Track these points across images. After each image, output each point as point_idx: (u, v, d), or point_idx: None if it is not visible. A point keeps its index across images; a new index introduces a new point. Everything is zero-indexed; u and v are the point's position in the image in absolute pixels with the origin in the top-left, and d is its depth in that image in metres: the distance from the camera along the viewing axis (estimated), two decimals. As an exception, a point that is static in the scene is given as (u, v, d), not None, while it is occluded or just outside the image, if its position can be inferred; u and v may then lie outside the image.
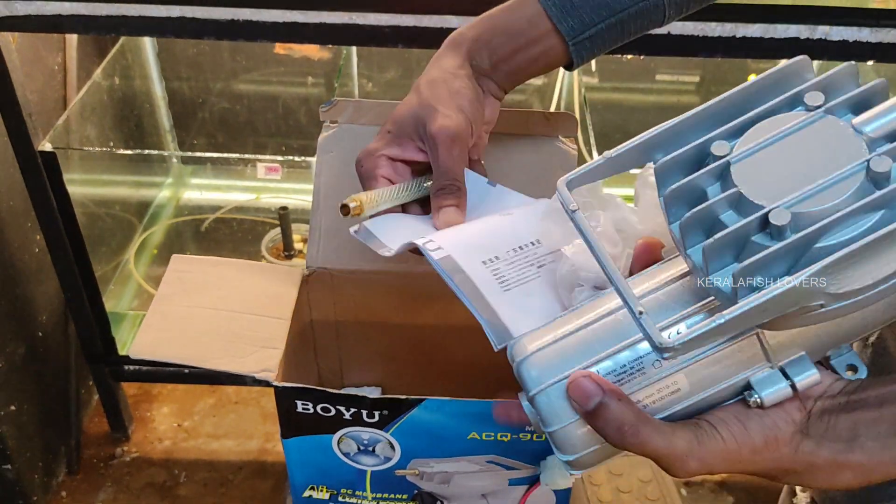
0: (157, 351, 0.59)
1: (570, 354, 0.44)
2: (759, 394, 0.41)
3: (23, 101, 1.06)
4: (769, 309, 0.36)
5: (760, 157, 0.39)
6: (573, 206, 0.42)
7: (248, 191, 1.63)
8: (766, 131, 0.40)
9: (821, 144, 0.39)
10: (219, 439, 1.46)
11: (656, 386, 0.42)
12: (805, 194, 0.37)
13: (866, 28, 0.96)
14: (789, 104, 0.40)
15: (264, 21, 0.97)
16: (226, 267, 0.67)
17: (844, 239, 0.36)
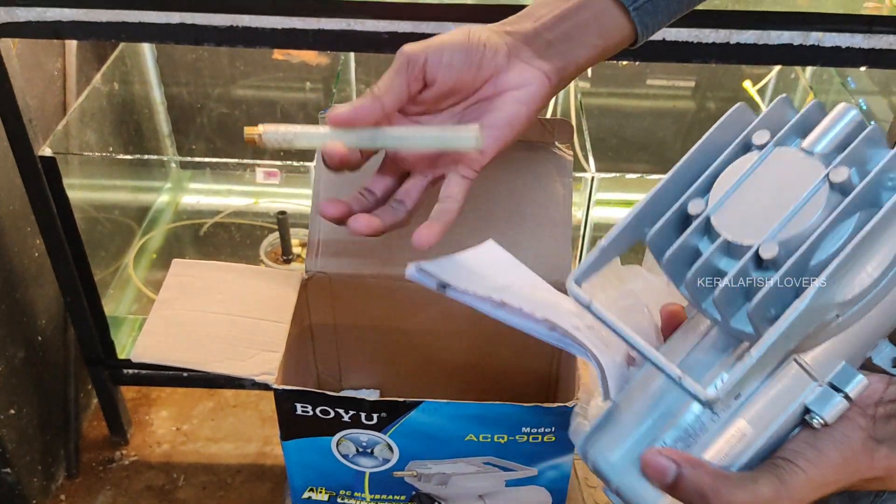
0: (159, 354, 0.60)
1: (636, 436, 0.45)
2: (820, 414, 0.42)
3: (23, 106, 1.07)
4: (792, 334, 0.38)
5: (733, 203, 0.42)
6: (587, 301, 0.43)
7: (247, 195, 1.63)
8: (730, 179, 0.43)
9: (781, 174, 0.41)
10: (217, 442, 1.47)
11: (723, 439, 0.43)
12: (783, 222, 0.39)
13: (859, 34, 0.97)
14: (742, 149, 0.44)
15: (263, 27, 0.98)
16: (226, 271, 0.68)
17: (834, 249, 0.39)
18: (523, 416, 0.64)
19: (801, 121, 0.43)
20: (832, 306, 0.39)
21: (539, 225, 0.69)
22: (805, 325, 0.38)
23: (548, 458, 0.68)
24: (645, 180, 1.63)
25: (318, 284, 0.70)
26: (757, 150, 0.43)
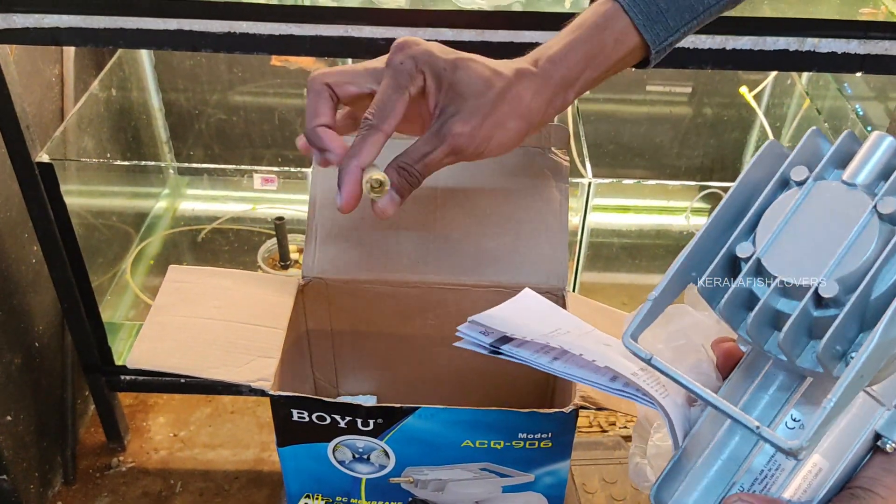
0: (154, 361, 0.60)
1: (709, 482, 0.45)
2: (891, 438, 0.42)
3: (20, 112, 1.07)
4: (865, 372, 0.38)
5: (782, 242, 0.42)
6: (647, 356, 0.43)
7: (245, 201, 1.64)
8: (774, 218, 0.42)
9: (827, 209, 0.41)
10: (215, 449, 1.47)
11: (800, 476, 0.43)
12: (838, 259, 0.39)
13: (855, 40, 0.97)
14: (781, 186, 0.43)
15: (260, 34, 0.98)
16: (222, 277, 0.68)
17: (893, 280, 0.38)
18: (520, 422, 0.64)
19: (836, 153, 0.42)
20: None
21: (535, 231, 0.69)
22: (877, 361, 0.38)
23: (544, 464, 0.68)
24: (642, 186, 1.64)
25: (314, 290, 0.70)
26: (797, 187, 0.43)
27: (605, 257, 1.56)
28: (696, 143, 1.68)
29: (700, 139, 1.67)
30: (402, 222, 0.68)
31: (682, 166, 1.70)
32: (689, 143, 1.68)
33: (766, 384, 0.45)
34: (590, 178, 1.17)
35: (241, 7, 1.01)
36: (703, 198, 1.62)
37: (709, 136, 1.67)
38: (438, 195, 0.69)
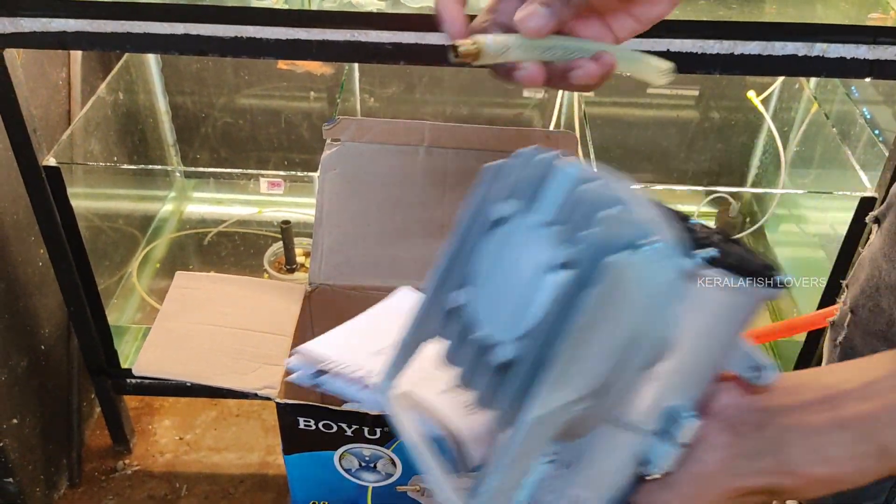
0: (161, 368, 0.59)
1: None
2: (653, 465, 0.41)
3: (27, 116, 1.07)
4: (530, 448, 0.36)
5: (482, 293, 0.40)
6: (394, 412, 0.43)
7: (251, 205, 1.64)
8: (481, 265, 0.40)
9: (515, 255, 0.39)
10: (220, 452, 1.46)
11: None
12: (517, 314, 0.36)
13: (864, 45, 0.96)
14: (487, 227, 0.40)
15: (267, 38, 0.98)
16: (229, 283, 0.68)
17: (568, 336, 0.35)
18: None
19: (521, 186, 0.39)
20: (569, 405, 0.36)
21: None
22: (543, 435, 0.36)
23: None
24: (648, 190, 1.63)
25: (321, 296, 0.70)
26: (498, 227, 0.40)
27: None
28: (704, 148, 1.67)
29: (707, 143, 1.67)
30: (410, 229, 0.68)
31: (689, 171, 1.70)
32: (696, 148, 1.67)
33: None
34: (597, 182, 1.16)
35: (249, 11, 1.01)
36: (711, 202, 1.61)
37: (716, 140, 1.66)
38: (446, 202, 0.68)
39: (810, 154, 1.52)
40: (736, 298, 0.39)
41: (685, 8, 1.07)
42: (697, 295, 0.38)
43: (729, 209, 1.61)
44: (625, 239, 0.35)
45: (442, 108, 1.61)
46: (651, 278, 0.36)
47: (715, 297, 0.39)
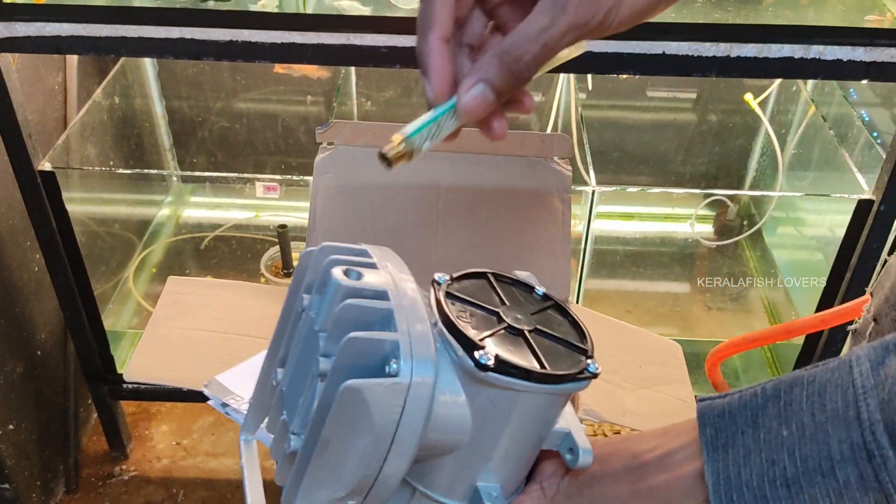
0: (153, 374, 0.59)
1: None
2: None
3: (23, 121, 1.07)
4: None
5: (290, 377, 0.44)
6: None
7: (247, 209, 1.63)
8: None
9: (306, 350, 0.42)
10: (217, 458, 1.46)
11: None
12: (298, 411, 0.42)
13: (860, 47, 0.96)
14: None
15: (263, 42, 0.98)
16: (222, 288, 0.67)
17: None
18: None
19: (316, 282, 0.42)
20: (333, 501, 0.40)
21: (538, 241, 0.68)
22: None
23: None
24: (646, 193, 1.63)
25: (315, 301, 0.70)
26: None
27: (610, 265, 1.55)
28: (701, 151, 1.67)
29: (705, 146, 1.66)
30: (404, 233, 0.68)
31: (687, 173, 1.70)
32: (694, 151, 1.67)
33: None
34: (594, 186, 1.16)
35: (244, 15, 1.01)
36: (708, 205, 1.61)
37: (713, 143, 1.66)
38: (440, 206, 0.68)
39: (808, 156, 1.52)
40: (535, 397, 0.41)
41: (681, 10, 1.06)
42: (489, 394, 0.40)
43: (727, 212, 1.61)
44: (368, 362, 0.38)
45: (439, 111, 1.61)
46: (388, 400, 0.37)
47: (510, 396, 0.40)
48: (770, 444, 0.39)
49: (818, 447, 0.38)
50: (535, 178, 0.70)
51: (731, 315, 1.56)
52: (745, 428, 0.40)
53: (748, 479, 0.39)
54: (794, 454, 0.39)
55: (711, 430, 0.41)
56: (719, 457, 0.40)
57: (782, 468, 0.39)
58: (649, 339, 0.72)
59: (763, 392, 0.41)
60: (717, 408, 0.41)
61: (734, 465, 0.40)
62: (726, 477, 0.40)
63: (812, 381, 0.39)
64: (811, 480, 0.38)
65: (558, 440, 0.44)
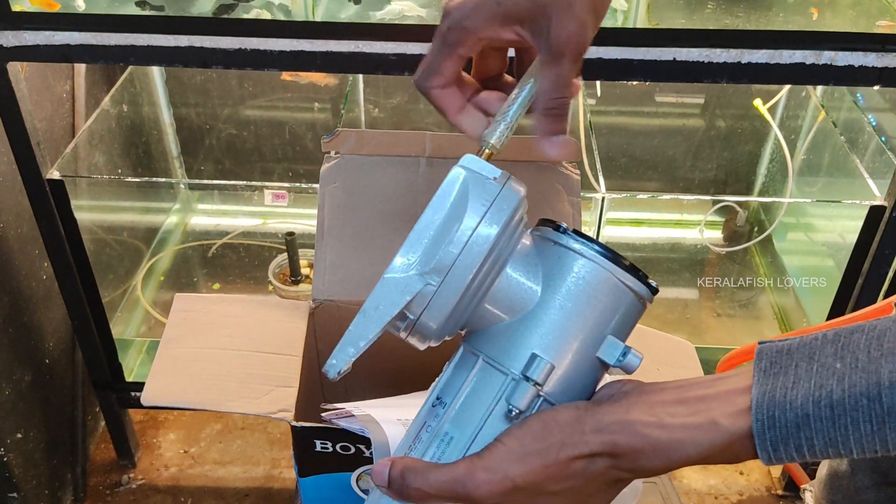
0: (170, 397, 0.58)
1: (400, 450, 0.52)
2: (514, 404, 0.46)
3: (31, 129, 1.06)
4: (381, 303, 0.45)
5: None
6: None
7: (255, 216, 1.63)
8: None
9: None
10: (225, 466, 1.46)
11: (434, 445, 0.48)
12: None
13: (872, 53, 0.96)
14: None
15: (272, 50, 0.98)
16: (230, 304, 0.67)
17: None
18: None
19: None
20: (415, 277, 0.45)
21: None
22: (392, 296, 0.45)
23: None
24: (656, 200, 1.62)
25: (325, 313, 0.69)
26: None
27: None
28: (710, 156, 1.66)
29: (713, 152, 1.66)
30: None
31: (696, 179, 1.69)
32: (703, 156, 1.66)
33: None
34: (603, 192, 1.16)
35: (252, 23, 1.01)
36: (717, 211, 1.60)
37: (722, 148, 1.65)
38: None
39: (818, 162, 1.51)
40: (599, 271, 0.47)
41: (691, 16, 1.06)
42: (560, 254, 0.48)
43: (736, 218, 1.60)
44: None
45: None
46: (482, 187, 0.47)
47: (578, 262, 0.48)
48: (821, 373, 0.41)
49: (868, 376, 0.39)
50: (544, 184, 0.69)
51: (740, 321, 1.55)
52: (800, 362, 0.42)
53: (793, 399, 0.41)
54: (844, 380, 0.40)
55: (766, 363, 0.43)
56: (769, 380, 0.42)
57: (829, 391, 0.40)
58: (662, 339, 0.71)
59: (824, 336, 0.43)
60: (776, 346, 0.44)
61: (781, 389, 0.41)
62: (771, 396, 0.41)
63: (873, 328, 0.41)
64: (856, 404, 0.39)
65: (613, 350, 0.48)
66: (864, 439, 0.39)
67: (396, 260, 0.45)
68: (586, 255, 0.47)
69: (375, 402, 0.61)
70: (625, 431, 0.43)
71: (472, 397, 0.48)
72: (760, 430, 0.41)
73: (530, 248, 0.49)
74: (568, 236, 0.48)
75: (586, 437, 0.44)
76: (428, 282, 0.45)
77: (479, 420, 0.47)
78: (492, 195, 0.46)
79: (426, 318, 0.46)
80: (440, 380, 0.50)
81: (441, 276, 0.45)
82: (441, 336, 0.48)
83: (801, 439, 0.40)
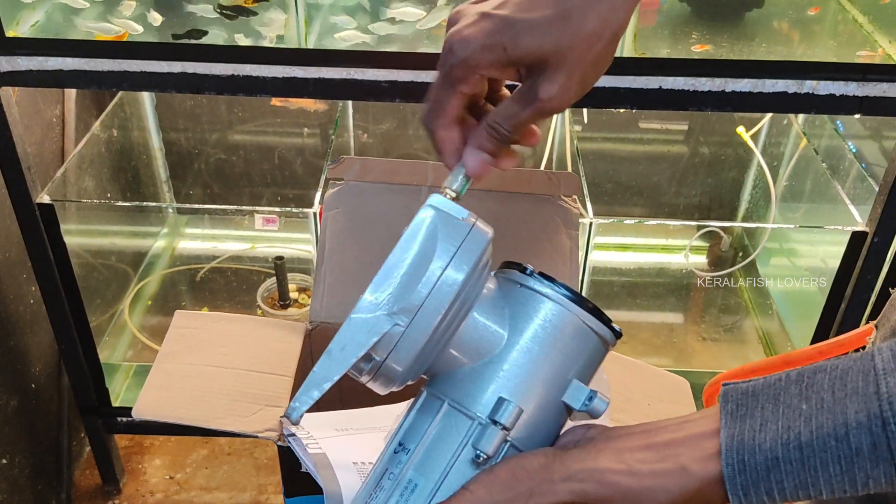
0: (161, 411, 0.59)
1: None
2: (481, 449, 0.46)
3: (22, 153, 1.07)
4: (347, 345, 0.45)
5: None
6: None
7: (244, 240, 1.63)
8: None
9: None
10: (211, 492, 1.44)
11: (397, 493, 0.47)
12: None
13: (853, 82, 0.98)
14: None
15: (264, 76, 0.99)
16: (229, 323, 0.67)
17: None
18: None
19: None
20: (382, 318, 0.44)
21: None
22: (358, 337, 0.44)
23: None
24: (642, 225, 1.64)
25: (322, 335, 0.70)
26: None
27: (606, 296, 1.56)
28: (694, 182, 1.69)
29: (698, 178, 1.68)
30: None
31: (680, 205, 1.71)
32: (687, 182, 1.69)
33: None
34: (591, 217, 1.17)
35: (245, 50, 1.02)
36: (702, 236, 1.62)
37: (706, 174, 1.68)
38: (447, 241, 0.68)
39: (800, 188, 1.54)
40: (577, 330, 0.48)
41: (676, 46, 1.08)
42: (526, 298, 0.48)
43: (720, 243, 1.62)
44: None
45: (434, 143, 1.62)
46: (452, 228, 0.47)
47: (543, 304, 0.47)
48: (788, 415, 0.41)
49: (835, 417, 0.40)
50: (543, 216, 0.70)
51: (726, 346, 1.56)
52: (766, 403, 0.42)
53: (762, 442, 0.41)
54: (811, 421, 0.40)
55: (732, 405, 0.43)
56: (736, 424, 0.42)
57: (797, 433, 0.40)
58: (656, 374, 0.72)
59: (787, 377, 0.43)
60: (740, 388, 0.44)
61: (749, 431, 0.42)
62: (740, 439, 0.41)
63: (835, 367, 0.42)
64: (824, 445, 0.40)
65: (579, 395, 0.47)
66: (833, 480, 0.40)
67: (364, 299, 0.45)
68: (553, 297, 0.47)
69: (340, 420, 0.60)
70: (594, 480, 0.43)
71: (436, 442, 0.47)
72: (731, 474, 0.41)
73: (496, 291, 0.49)
74: (534, 279, 0.48)
75: (555, 487, 0.44)
76: (396, 322, 0.45)
77: (445, 466, 0.46)
78: (461, 236, 0.46)
79: (392, 361, 0.46)
80: (402, 425, 0.49)
81: (409, 317, 0.45)
82: (405, 380, 0.48)
83: (771, 482, 0.40)
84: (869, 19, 1.12)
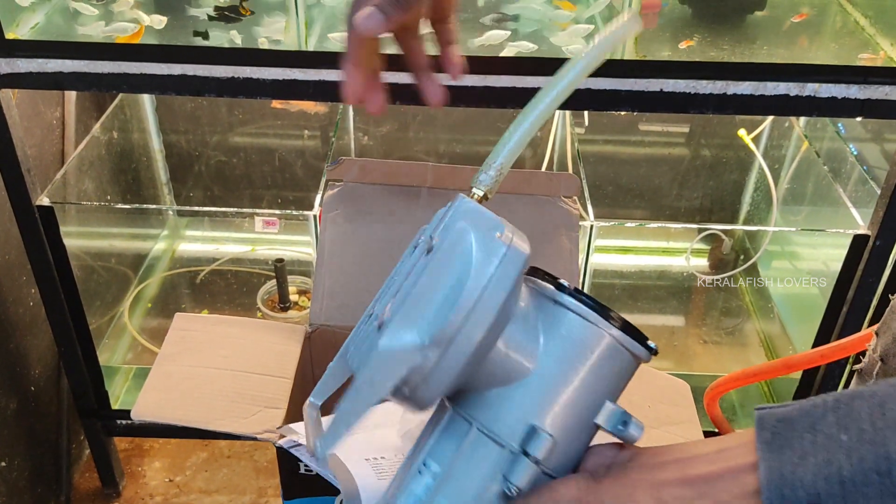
0: (160, 413, 0.58)
1: None
2: (512, 482, 0.43)
3: (21, 155, 1.07)
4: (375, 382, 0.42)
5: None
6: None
7: (244, 243, 1.63)
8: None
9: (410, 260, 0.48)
10: (211, 495, 1.44)
11: None
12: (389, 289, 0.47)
13: (854, 85, 0.98)
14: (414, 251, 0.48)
15: (264, 79, 0.99)
16: (229, 325, 0.67)
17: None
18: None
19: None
20: (414, 349, 0.41)
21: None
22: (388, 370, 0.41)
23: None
24: (643, 228, 1.64)
25: (321, 338, 0.69)
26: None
27: (607, 298, 1.55)
28: (695, 185, 1.68)
29: (699, 180, 1.68)
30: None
31: (682, 207, 1.71)
32: (688, 185, 1.69)
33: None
34: (592, 220, 1.17)
35: (245, 52, 1.02)
36: (703, 239, 1.62)
37: (707, 177, 1.68)
38: (448, 243, 0.68)
39: (802, 191, 1.53)
40: (607, 348, 0.45)
41: (677, 49, 1.08)
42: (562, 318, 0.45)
43: (721, 246, 1.62)
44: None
45: (435, 146, 1.62)
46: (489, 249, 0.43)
47: (580, 326, 0.45)
48: (828, 447, 0.40)
49: (876, 449, 0.39)
50: (543, 217, 0.70)
51: (727, 349, 1.56)
52: (804, 433, 0.41)
53: (802, 476, 0.40)
54: (851, 455, 0.39)
55: (768, 434, 0.42)
56: (775, 456, 0.41)
57: (837, 467, 0.39)
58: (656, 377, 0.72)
59: (824, 403, 0.42)
60: (776, 414, 0.42)
61: (789, 464, 0.40)
62: (780, 474, 0.40)
63: (873, 394, 0.41)
64: (866, 479, 0.39)
65: (613, 417, 0.45)
66: None
67: (392, 329, 0.42)
68: (590, 318, 0.45)
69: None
70: None
71: (465, 469, 0.45)
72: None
73: (528, 306, 0.46)
74: (571, 296, 0.45)
75: None
76: (427, 354, 0.41)
77: (474, 495, 0.44)
78: (498, 257, 0.43)
79: (422, 392, 0.43)
80: (425, 443, 0.47)
81: (442, 349, 0.42)
82: (432, 404, 0.45)
83: None
84: (870, 22, 1.12)
